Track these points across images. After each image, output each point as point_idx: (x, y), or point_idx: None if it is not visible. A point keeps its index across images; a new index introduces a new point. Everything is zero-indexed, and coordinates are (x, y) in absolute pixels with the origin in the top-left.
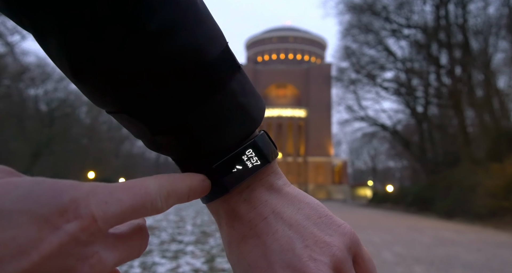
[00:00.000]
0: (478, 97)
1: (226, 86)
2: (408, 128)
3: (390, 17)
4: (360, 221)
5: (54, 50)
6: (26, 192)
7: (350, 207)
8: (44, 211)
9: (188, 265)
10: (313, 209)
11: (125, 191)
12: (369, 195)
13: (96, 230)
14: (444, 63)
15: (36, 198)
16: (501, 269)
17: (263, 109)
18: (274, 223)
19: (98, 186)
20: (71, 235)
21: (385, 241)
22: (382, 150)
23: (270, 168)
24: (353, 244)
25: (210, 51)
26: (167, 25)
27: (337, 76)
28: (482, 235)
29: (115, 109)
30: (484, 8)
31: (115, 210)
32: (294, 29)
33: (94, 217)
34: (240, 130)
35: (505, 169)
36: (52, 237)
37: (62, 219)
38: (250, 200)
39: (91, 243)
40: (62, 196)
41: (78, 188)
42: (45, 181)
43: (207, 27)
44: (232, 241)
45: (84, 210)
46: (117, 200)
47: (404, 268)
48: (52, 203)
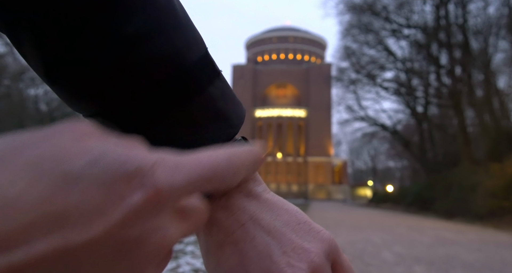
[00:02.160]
0: (478, 97)
1: (204, 91)
2: (408, 128)
3: (390, 17)
4: (360, 221)
5: (29, 53)
6: (95, 158)
7: (350, 207)
8: (109, 179)
9: (188, 265)
10: (292, 216)
11: (193, 162)
12: (369, 195)
13: (160, 202)
14: (444, 63)
15: (103, 164)
16: (501, 269)
17: (243, 116)
18: (252, 229)
19: (165, 156)
20: (135, 206)
21: (385, 241)
22: (382, 150)
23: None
24: (332, 250)
25: (188, 56)
26: (144, 29)
27: (337, 76)
28: (482, 235)
29: (91, 113)
30: (484, 8)
31: (181, 181)
32: (294, 29)
33: (159, 188)
34: (218, 136)
35: (505, 169)
36: (116, 207)
37: (127, 188)
38: (227, 207)
39: (155, 216)
40: (128, 164)
41: (145, 157)
42: (115, 149)
43: (185, 33)
44: (209, 249)
45: (149, 180)
46: (184, 171)
47: (404, 268)
48: (119, 171)
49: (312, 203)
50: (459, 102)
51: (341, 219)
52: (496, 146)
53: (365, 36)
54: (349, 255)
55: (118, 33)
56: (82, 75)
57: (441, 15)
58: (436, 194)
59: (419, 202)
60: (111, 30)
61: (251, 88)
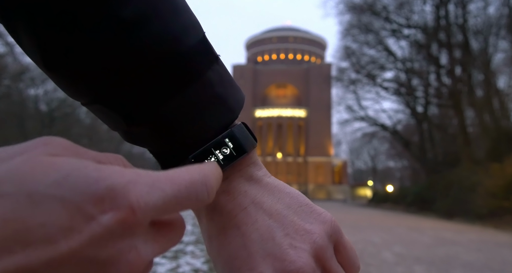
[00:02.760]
0: (478, 97)
1: (202, 76)
2: (408, 128)
3: (390, 17)
4: (360, 221)
5: (26, 42)
6: (63, 176)
7: (350, 207)
8: (78, 199)
9: (188, 265)
10: (293, 198)
11: (169, 181)
12: (369, 195)
13: (134, 223)
14: (444, 63)
15: (71, 184)
16: (501, 269)
17: (242, 100)
18: (254, 212)
19: (140, 174)
20: (105, 227)
21: (385, 241)
22: (382, 150)
23: (249, 158)
24: (334, 232)
25: (186, 41)
26: (141, 13)
27: (337, 76)
28: (482, 235)
29: (89, 101)
30: (484, 8)
31: (156, 201)
32: (294, 29)
33: (133, 209)
34: (217, 121)
35: (505, 169)
36: (84, 227)
37: (97, 208)
38: (229, 191)
39: (129, 236)
40: (99, 183)
41: (119, 175)
42: (87, 166)
43: (183, 17)
44: (212, 234)
45: (122, 201)
46: (160, 190)
47: (404, 268)
48: (88, 190)
49: None
50: (459, 102)
51: (341, 219)
52: (496, 146)
53: (365, 36)
54: None
55: (114, 17)
56: (79, 61)
57: (441, 15)
58: (436, 194)
59: (419, 202)
60: (107, 14)
61: (251, 88)
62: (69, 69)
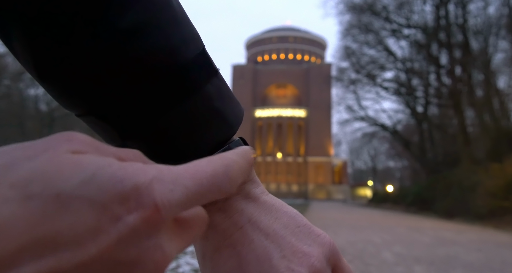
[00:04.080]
0: (478, 97)
1: (200, 89)
2: (408, 128)
3: (390, 17)
4: (360, 221)
5: (19, 49)
6: (89, 175)
7: (350, 207)
8: (104, 199)
9: (188, 265)
10: (291, 218)
11: (191, 175)
12: (369, 195)
13: (159, 221)
14: (444, 63)
15: (98, 183)
16: (501, 269)
17: (241, 115)
18: (250, 232)
19: (162, 171)
20: (132, 226)
21: (385, 241)
22: (382, 150)
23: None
24: (333, 254)
25: (185, 53)
26: (140, 24)
27: (337, 76)
28: (482, 235)
29: (83, 112)
30: (484, 8)
31: (180, 198)
32: (294, 29)
33: (158, 207)
34: (215, 136)
35: (505, 169)
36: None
37: (123, 208)
38: (225, 209)
39: (154, 235)
40: (124, 182)
41: (142, 173)
42: (111, 165)
43: (182, 29)
44: (206, 253)
45: (147, 199)
46: (183, 187)
47: (404, 268)
48: (114, 190)
49: (312, 203)
50: (459, 102)
51: (341, 219)
52: (496, 146)
53: (365, 36)
54: (349, 255)
55: (111, 27)
56: (73, 71)
57: (441, 15)
58: (436, 194)
59: (419, 202)
60: (104, 24)
61: (251, 88)
62: (63, 80)
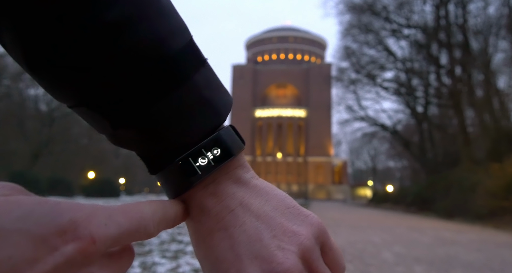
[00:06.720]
0: (478, 97)
1: (189, 79)
2: (408, 128)
3: (390, 17)
4: (360, 221)
5: (9, 43)
6: (26, 212)
7: (350, 207)
8: (42, 231)
9: (188, 265)
10: (280, 201)
11: (123, 214)
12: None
13: (94, 252)
14: (444, 63)
15: (36, 218)
16: (501, 269)
17: (229, 104)
18: (242, 214)
19: (98, 208)
20: (68, 256)
21: (385, 241)
22: (382, 150)
23: (237, 161)
24: (321, 233)
25: (173, 44)
26: (127, 15)
27: (337, 76)
28: (482, 235)
29: (75, 103)
30: (484, 8)
31: (113, 232)
32: (294, 29)
33: (93, 239)
34: (204, 124)
35: (505, 169)
36: (48, 257)
37: (60, 240)
38: (216, 193)
39: (87, 264)
40: (62, 216)
41: (79, 209)
42: (47, 202)
43: (170, 20)
44: (199, 237)
45: (83, 232)
46: (116, 223)
47: (404, 268)
48: (51, 223)
49: (312, 203)
50: (459, 102)
51: (341, 219)
52: (496, 146)
53: (365, 36)
54: (349, 255)
55: (99, 19)
56: (63, 62)
57: (441, 15)
58: (436, 194)
59: (419, 202)
60: (91, 16)
61: (251, 88)
62: (53, 71)
